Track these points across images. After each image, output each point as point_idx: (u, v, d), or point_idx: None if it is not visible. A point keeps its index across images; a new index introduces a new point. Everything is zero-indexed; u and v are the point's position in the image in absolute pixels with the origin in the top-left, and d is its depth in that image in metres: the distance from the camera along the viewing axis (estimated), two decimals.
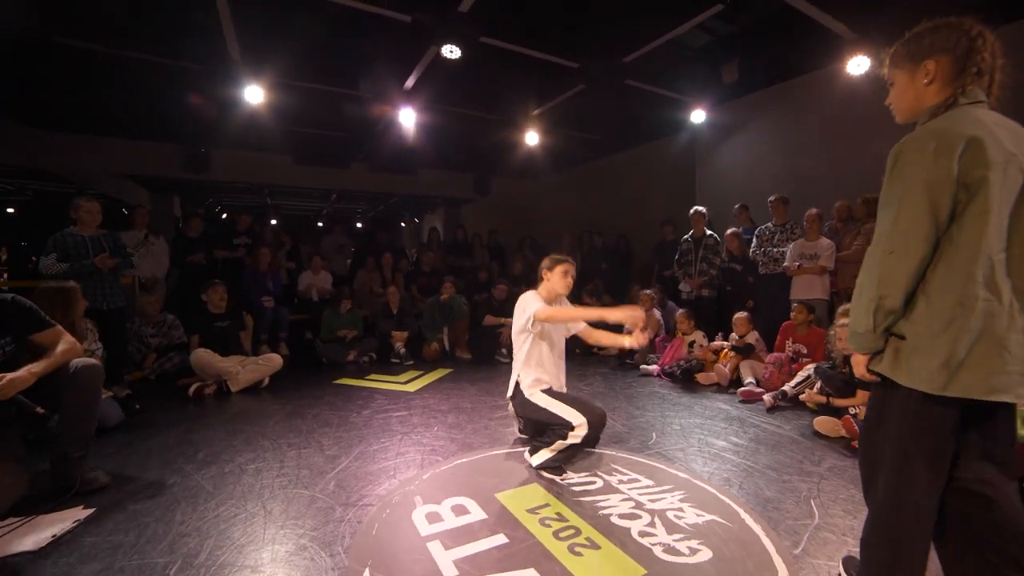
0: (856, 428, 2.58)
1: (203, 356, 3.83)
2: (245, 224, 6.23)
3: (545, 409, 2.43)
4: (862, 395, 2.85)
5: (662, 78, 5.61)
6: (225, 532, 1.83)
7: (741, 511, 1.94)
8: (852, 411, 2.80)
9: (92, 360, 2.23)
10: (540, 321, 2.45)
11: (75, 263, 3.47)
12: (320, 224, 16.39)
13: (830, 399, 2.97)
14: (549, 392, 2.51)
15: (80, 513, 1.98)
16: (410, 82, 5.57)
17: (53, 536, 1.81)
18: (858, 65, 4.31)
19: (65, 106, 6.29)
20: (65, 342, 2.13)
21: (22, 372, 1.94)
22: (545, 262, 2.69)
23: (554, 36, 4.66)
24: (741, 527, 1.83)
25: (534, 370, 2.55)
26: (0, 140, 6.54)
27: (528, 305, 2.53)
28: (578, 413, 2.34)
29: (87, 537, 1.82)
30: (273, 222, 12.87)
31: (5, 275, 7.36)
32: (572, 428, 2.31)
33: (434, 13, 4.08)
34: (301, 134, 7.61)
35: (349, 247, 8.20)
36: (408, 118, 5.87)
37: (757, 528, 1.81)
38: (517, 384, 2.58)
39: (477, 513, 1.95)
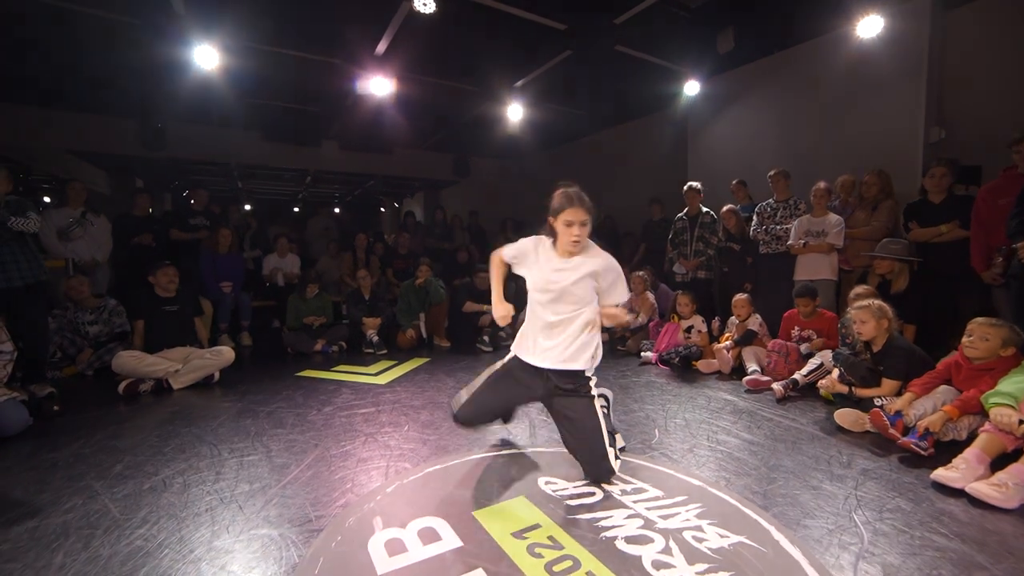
0: (886, 422, 2.27)
1: (126, 361, 3.31)
2: (202, 201, 5.67)
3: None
4: (888, 384, 2.54)
5: (654, 45, 5.21)
6: None
7: (773, 529, 1.60)
8: (878, 402, 2.49)
9: None
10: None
11: None
12: (296, 209, 15.68)
13: (852, 388, 2.65)
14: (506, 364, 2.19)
15: None
16: (382, 46, 5.06)
17: None
18: (868, 26, 3.96)
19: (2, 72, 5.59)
20: None
21: None
22: (552, 200, 2.03)
23: None
24: (777, 552, 1.48)
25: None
26: None
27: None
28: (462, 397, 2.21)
29: None
30: (247, 207, 12.25)
31: None
32: None
33: None
34: (265, 107, 7.00)
35: (334, 231, 7.69)
36: (381, 87, 5.35)
37: (796, 553, 1.47)
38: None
39: (450, 539, 1.56)
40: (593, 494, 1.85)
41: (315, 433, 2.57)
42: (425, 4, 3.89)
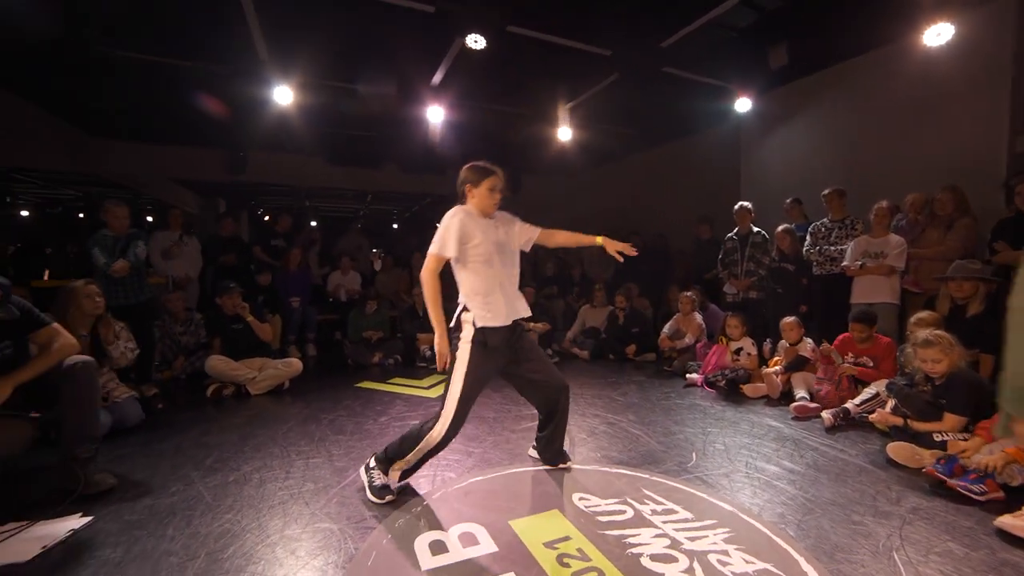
0: (941, 478, 2.12)
1: (217, 364, 3.80)
2: (285, 226, 6.28)
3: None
4: (951, 420, 2.41)
5: (702, 64, 5.21)
6: (213, 553, 1.69)
7: (802, 560, 1.62)
8: (938, 437, 2.37)
9: (86, 357, 2.16)
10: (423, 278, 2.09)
11: (106, 260, 3.57)
12: (359, 225, 16.70)
13: (908, 421, 2.54)
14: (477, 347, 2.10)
15: (76, 521, 1.89)
16: (437, 77, 5.43)
17: (43, 547, 1.71)
18: (938, 34, 3.77)
19: (114, 114, 6.56)
20: (59, 341, 2.07)
21: None
22: (464, 175, 2.20)
23: (584, 22, 4.38)
24: None
25: (468, 299, 2.15)
26: (62, 149, 6.90)
27: (444, 228, 2.12)
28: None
29: (76, 549, 1.72)
30: (313, 223, 13.22)
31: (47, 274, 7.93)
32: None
33: (458, 1, 3.90)
34: (332, 135, 7.65)
35: (368, 247, 8.13)
36: (436, 115, 5.73)
37: None
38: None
39: (487, 544, 1.72)
40: (623, 512, 1.94)
41: (371, 441, 2.82)
42: (476, 41, 4.17)
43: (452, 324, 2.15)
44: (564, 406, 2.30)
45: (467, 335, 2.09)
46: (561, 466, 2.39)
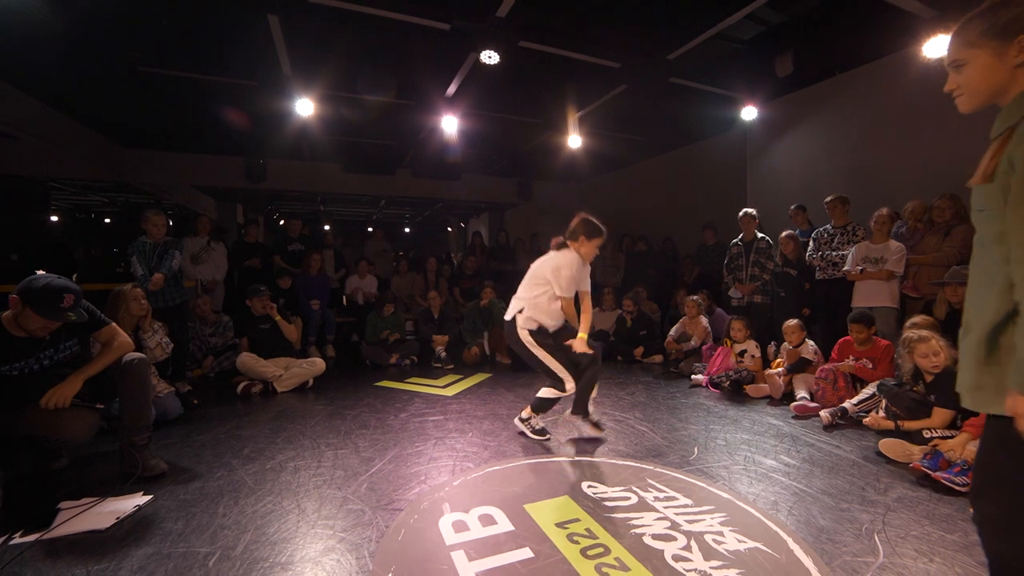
0: (926, 471, 2.27)
1: (247, 360, 4.05)
2: (296, 230, 6.54)
3: (535, 356, 2.82)
4: (940, 414, 2.55)
5: (709, 74, 5.38)
6: (261, 528, 1.90)
7: (790, 540, 1.78)
8: (927, 434, 2.51)
9: (141, 354, 2.40)
10: (558, 298, 2.82)
11: (144, 271, 3.83)
12: (370, 229, 17.05)
13: (899, 423, 2.68)
14: (537, 333, 2.82)
15: (140, 499, 2.12)
16: (451, 89, 5.65)
17: (117, 519, 1.95)
18: (936, 47, 3.91)
19: (145, 126, 6.92)
20: (118, 339, 2.31)
21: (69, 380, 2.14)
22: (580, 226, 2.82)
23: (594, 36, 4.58)
24: (789, 559, 1.67)
25: (532, 312, 2.84)
26: (93, 159, 7.26)
27: (563, 270, 2.76)
28: (568, 375, 2.78)
29: (143, 521, 1.95)
30: (327, 227, 13.55)
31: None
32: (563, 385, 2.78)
33: (473, 19, 4.11)
34: (349, 143, 7.93)
35: (391, 252, 8.40)
36: (450, 125, 5.96)
37: (808, 561, 1.65)
38: (515, 317, 2.86)
39: (504, 524, 1.90)
40: (628, 498, 2.11)
41: (393, 435, 3.02)
42: (490, 57, 4.39)
43: (509, 317, 2.89)
44: (591, 373, 2.84)
45: (526, 327, 2.83)
46: (582, 422, 2.92)
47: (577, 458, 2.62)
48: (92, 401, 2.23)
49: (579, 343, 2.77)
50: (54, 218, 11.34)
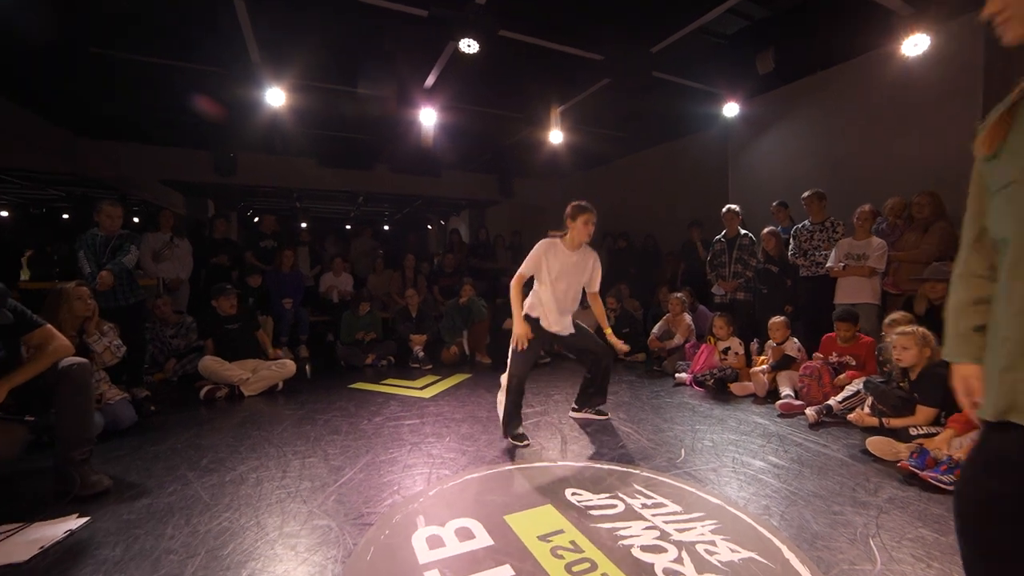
0: (913, 471, 2.23)
1: (210, 364, 3.81)
2: (270, 226, 6.26)
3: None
4: (923, 412, 2.52)
5: (692, 69, 5.32)
6: (213, 550, 1.71)
7: (784, 548, 1.69)
8: (913, 432, 2.47)
9: (81, 359, 2.16)
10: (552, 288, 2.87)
11: (92, 267, 3.52)
12: (348, 227, 16.64)
13: (883, 420, 2.63)
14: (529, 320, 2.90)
15: (73, 522, 1.90)
16: (430, 80, 5.47)
17: (41, 548, 1.73)
18: (915, 45, 3.92)
19: (105, 115, 6.51)
20: (53, 343, 2.08)
21: None
22: (568, 210, 2.88)
23: (575, 27, 4.46)
24: (785, 569, 1.58)
25: (531, 299, 2.96)
26: (49, 149, 6.82)
27: (531, 253, 2.87)
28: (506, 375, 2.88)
29: (73, 549, 1.74)
30: (303, 225, 13.16)
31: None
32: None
33: (451, 6, 3.95)
34: (324, 137, 7.64)
35: (378, 250, 8.15)
36: (429, 117, 5.77)
37: (805, 572, 1.56)
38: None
39: (483, 538, 1.76)
40: (615, 506, 2.00)
41: (366, 441, 2.85)
42: (469, 45, 4.23)
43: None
44: (606, 366, 3.06)
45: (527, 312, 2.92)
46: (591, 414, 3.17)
47: (559, 463, 2.50)
48: (20, 413, 1.99)
49: (620, 345, 3.05)
50: (3, 213, 10.69)
